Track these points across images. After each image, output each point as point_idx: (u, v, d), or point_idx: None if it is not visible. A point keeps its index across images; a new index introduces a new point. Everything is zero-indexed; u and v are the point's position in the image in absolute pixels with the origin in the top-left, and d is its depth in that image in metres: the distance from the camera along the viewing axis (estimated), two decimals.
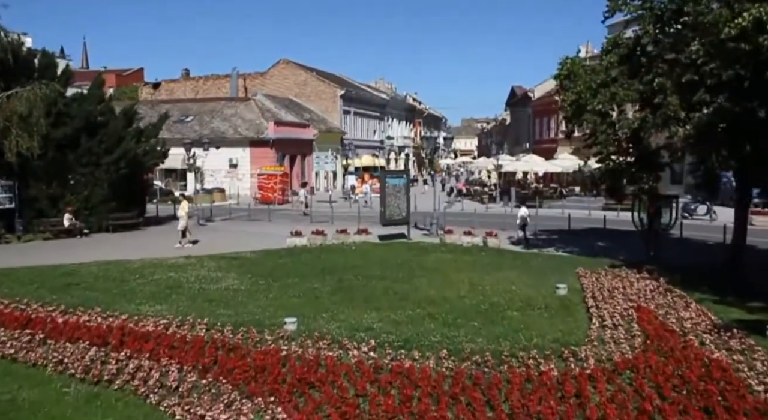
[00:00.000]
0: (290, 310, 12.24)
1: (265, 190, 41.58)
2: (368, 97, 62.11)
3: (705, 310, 11.58)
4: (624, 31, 17.21)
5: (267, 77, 58.47)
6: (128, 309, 12.29)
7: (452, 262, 17.88)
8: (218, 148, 46.86)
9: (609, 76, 16.44)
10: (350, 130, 57.80)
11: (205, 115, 50.51)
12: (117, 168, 25.24)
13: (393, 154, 67.12)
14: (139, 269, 16.78)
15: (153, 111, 53.22)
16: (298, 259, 18.46)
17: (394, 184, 22.13)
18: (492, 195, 42.09)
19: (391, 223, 22.32)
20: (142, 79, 70.78)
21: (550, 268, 16.81)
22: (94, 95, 27.08)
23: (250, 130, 47.00)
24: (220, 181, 47.08)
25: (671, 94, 14.41)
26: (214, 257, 18.63)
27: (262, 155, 45.97)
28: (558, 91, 18.85)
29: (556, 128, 59.60)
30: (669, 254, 18.23)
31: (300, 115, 52.82)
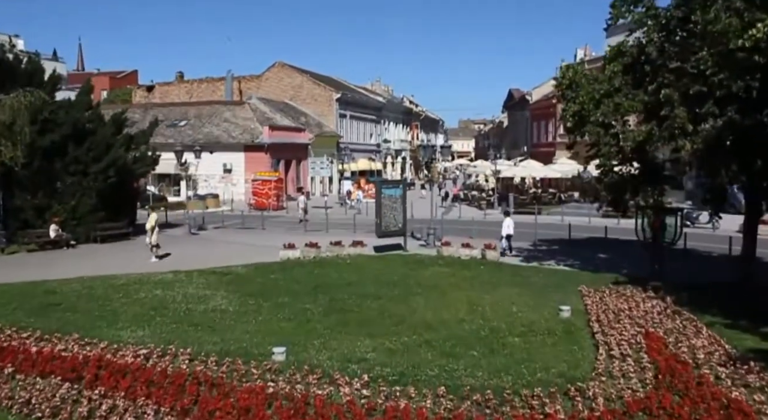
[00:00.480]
0: (279, 336, 11.61)
1: (259, 196, 40.91)
2: (364, 100, 61.49)
3: (717, 337, 10.97)
4: (626, 39, 16.55)
5: (262, 80, 57.82)
6: (108, 335, 11.63)
7: (450, 278, 17.25)
8: (212, 152, 46.26)
9: (612, 86, 15.84)
10: (346, 134, 57.18)
11: (199, 119, 49.85)
12: (105, 176, 24.57)
13: (390, 158, 66.48)
14: (124, 286, 16.10)
15: (146, 115, 52.55)
16: (290, 274, 17.80)
17: (390, 195, 21.48)
18: (490, 201, 41.47)
19: (387, 234, 21.68)
20: (137, 81, 70.19)
21: (551, 286, 16.20)
22: (83, 101, 26.39)
23: (244, 134, 46.35)
24: (214, 186, 46.42)
25: (678, 105, 13.81)
26: (204, 272, 17.97)
27: (256, 160, 45.31)
28: (559, 99, 18.24)
29: (554, 132, 59.09)
30: (673, 268, 17.66)
31: (295, 118, 52.19)
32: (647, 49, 15.44)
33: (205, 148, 46.33)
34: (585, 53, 57.58)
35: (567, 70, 17.15)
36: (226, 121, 48.67)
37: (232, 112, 49.61)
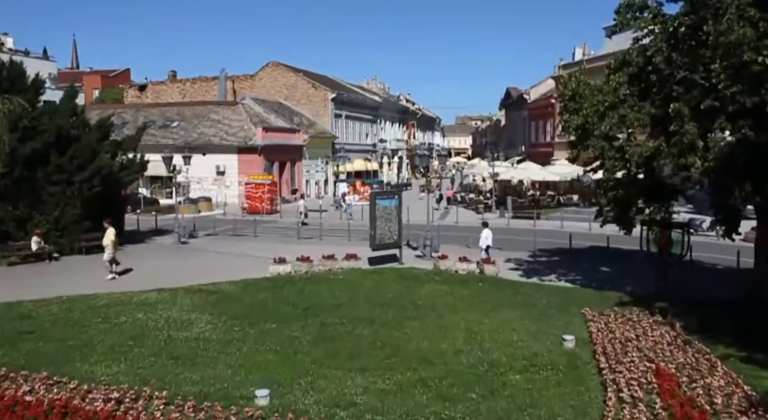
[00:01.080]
0: (264, 372, 10.85)
1: (252, 200, 40.09)
2: (360, 100, 60.61)
3: (734, 376, 10.22)
4: (632, 48, 15.74)
5: (256, 80, 56.91)
6: (81, 371, 10.85)
7: (447, 297, 16.49)
8: (205, 154, 45.53)
9: (617, 97, 15.05)
10: (341, 134, 56.34)
11: (191, 119, 48.96)
12: (90, 185, 23.69)
13: (386, 158, 65.64)
14: (104, 308, 15.29)
15: (138, 115, 51.72)
16: (280, 293, 17.00)
17: (384, 206, 20.69)
18: (488, 204, 40.70)
19: (381, 247, 20.88)
20: (129, 80, 69.11)
21: (553, 307, 15.45)
22: (67, 107, 25.47)
23: (237, 135, 45.48)
24: (207, 188, 45.57)
25: (688, 121, 13.03)
26: (189, 291, 17.16)
27: (250, 162, 44.49)
28: (561, 110, 17.42)
29: (552, 132, 58.31)
30: (679, 284, 16.92)
31: (290, 119, 51.33)
32: (654, 59, 14.65)
33: (197, 149, 45.64)
34: (584, 52, 56.81)
35: (570, 80, 16.35)
36: (220, 122, 47.79)
37: (226, 112, 48.73)
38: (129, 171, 26.83)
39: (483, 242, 21.43)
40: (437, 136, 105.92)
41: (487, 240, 21.44)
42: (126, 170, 26.64)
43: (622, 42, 49.41)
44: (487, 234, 21.51)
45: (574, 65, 56.54)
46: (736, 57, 12.21)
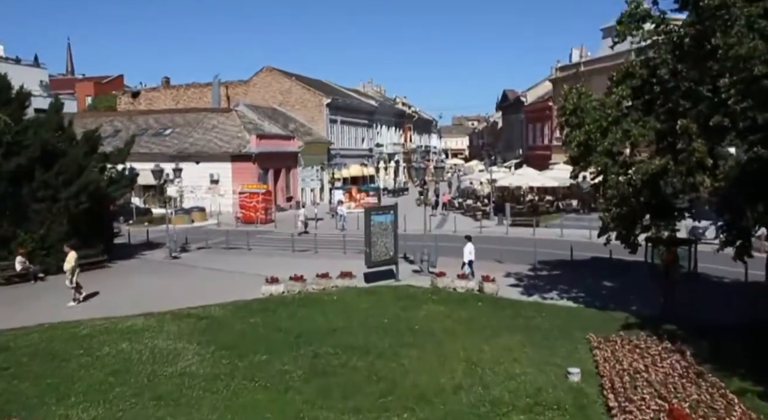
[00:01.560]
0: (252, 414, 10.19)
1: (247, 210, 39.41)
2: (356, 105, 59.96)
3: (754, 417, 9.58)
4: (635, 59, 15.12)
5: (250, 85, 56.23)
6: (55, 415, 10.19)
7: (446, 320, 15.83)
8: (198, 162, 44.90)
9: (621, 111, 14.41)
10: (337, 140, 55.67)
11: (184, 127, 48.26)
12: (77, 202, 23.01)
13: (383, 163, 65.00)
14: (87, 338, 14.61)
15: (130, 123, 51.01)
16: (272, 317, 16.33)
17: (380, 222, 20.04)
18: (486, 211, 40.05)
19: (377, 264, 20.22)
20: (123, 86, 68.33)
21: (556, 330, 14.81)
22: (52, 120, 24.80)
23: (231, 143, 44.78)
24: (201, 197, 44.87)
25: (696, 137, 12.40)
26: (178, 316, 16.48)
27: (244, 170, 43.80)
28: (561, 125, 16.77)
29: (550, 135, 57.79)
30: (686, 302, 16.27)
31: (284, 125, 50.64)
32: (659, 71, 14.02)
33: (191, 158, 45.06)
34: (581, 54, 56.22)
35: (570, 93, 15.70)
36: (213, 129, 47.10)
37: (219, 119, 48.02)
38: (118, 185, 26.17)
39: (466, 257, 20.77)
40: (434, 138, 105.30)
41: (470, 255, 20.77)
42: (115, 185, 25.98)
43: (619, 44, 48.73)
44: (470, 249, 20.84)
45: (572, 67, 56.05)
46: (746, 71, 11.60)
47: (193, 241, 30.86)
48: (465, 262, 20.78)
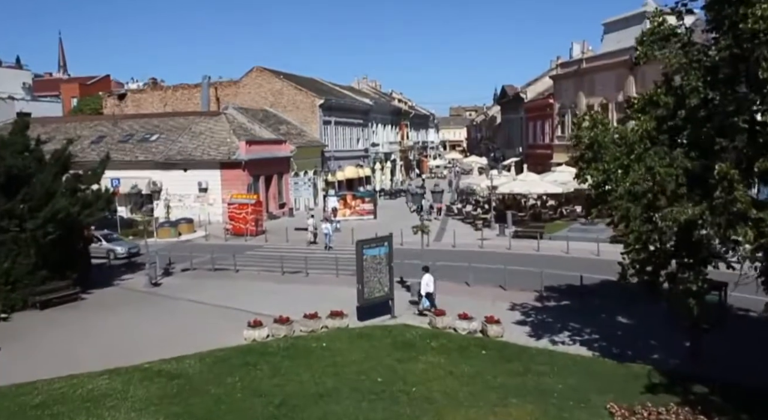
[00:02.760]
0: None
1: (236, 221, 37.60)
2: (350, 104, 58.00)
3: None
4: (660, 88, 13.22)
5: (240, 86, 54.24)
6: None
7: (446, 379, 14.10)
8: (186, 170, 43.13)
9: (644, 146, 12.56)
10: (331, 141, 53.81)
11: (171, 132, 46.37)
12: (45, 232, 21.22)
13: (379, 163, 63.12)
14: (39, 408, 12.88)
15: (115, 128, 49.07)
16: (252, 375, 14.57)
17: (373, 255, 18.27)
18: (486, 220, 38.29)
19: (371, 301, 18.48)
20: (109, 87, 66.35)
21: (571, 392, 13.09)
22: (17, 142, 22.91)
23: (220, 149, 42.94)
24: (190, 206, 43.07)
25: (738, 183, 10.61)
26: (147, 373, 14.74)
27: (233, 178, 42.01)
28: (575, 160, 14.87)
29: (551, 133, 56.03)
30: (717, 352, 14.55)
31: (276, 128, 48.76)
32: (688, 100, 12.17)
33: (178, 165, 43.28)
34: (583, 50, 54.25)
35: (587, 123, 13.80)
36: (201, 134, 45.22)
37: (208, 124, 46.13)
38: (93, 209, 24.25)
39: (424, 289, 19.05)
40: (431, 133, 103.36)
41: (427, 287, 19.02)
42: (89, 208, 24.08)
43: (624, 39, 46.60)
44: (427, 280, 19.05)
45: (573, 64, 54.12)
46: None
47: (179, 260, 29.15)
48: (422, 295, 19.07)
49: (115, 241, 32.24)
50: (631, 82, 44.61)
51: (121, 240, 32.88)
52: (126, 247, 31.58)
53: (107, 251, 30.66)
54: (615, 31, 49.18)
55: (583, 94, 50.51)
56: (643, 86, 44.67)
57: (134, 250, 31.38)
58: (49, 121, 52.75)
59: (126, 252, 31.19)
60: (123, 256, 30.90)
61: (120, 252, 31.12)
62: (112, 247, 31.22)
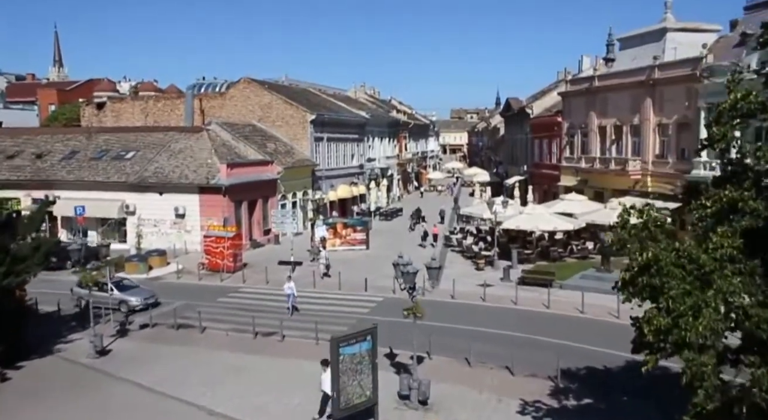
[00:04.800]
0: None
1: (213, 256, 33.96)
2: (344, 119, 54.29)
3: None
4: (746, 193, 9.55)
5: (227, 98, 50.56)
6: None
7: None
8: (161, 193, 39.59)
9: (725, 274, 8.91)
10: (323, 159, 50.14)
11: (149, 149, 42.78)
12: None
13: (374, 182, 59.43)
14: None
15: (89, 143, 45.38)
16: None
17: (352, 355, 14.63)
18: (489, 256, 34.71)
19: (350, 411, 14.85)
20: (90, 93, 62.50)
21: None
22: None
23: (199, 172, 39.32)
24: (166, 232, 39.51)
25: None
26: None
27: (213, 203, 38.45)
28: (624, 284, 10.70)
29: (559, 154, 52.44)
30: None
31: (262, 145, 45.11)
32: None
33: (153, 188, 39.69)
34: (595, 66, 50.46)
35: (636, 219, 10.08)
36: (180, 153, 41.61)
37: (187, 142, 42.48)
38: (27, 264, 20.55)
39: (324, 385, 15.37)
40: (431, 142, 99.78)
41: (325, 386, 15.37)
42: (22, 263, 20.37)
43: (640, 56, 42.80)
44: (325, 378, 15.24)
45: (584, 81, 50.33)
46: None
47: (139, 310, 25.70)
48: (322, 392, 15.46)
49: (129, 290, 27.31)
50: (649, 104, 40.98)
51: (135, 288, 27.77)
52: (141, 297, 26.82)
53: (119, 303, 26.20)
54: (630, 48, 45.49)
55: (594, 114, 46.87)
56: (661, 110, 41.24)
57: (151, 299, 26.89)
58: (20, 132, 49.23)
59: (141, 303, 26.51)
60: (138, 308, 26.30)
61: (134, 303, 26.43)
62: (124, 298, 26.48)
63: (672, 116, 39.12)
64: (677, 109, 38.60)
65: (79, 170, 42.02)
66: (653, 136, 40.74)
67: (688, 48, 40.35)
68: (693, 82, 36.57)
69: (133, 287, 27.82)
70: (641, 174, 41.39)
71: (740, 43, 36.10)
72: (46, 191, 41.47)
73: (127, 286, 27.74)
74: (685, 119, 37.96)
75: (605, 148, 45.66)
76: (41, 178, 42.15)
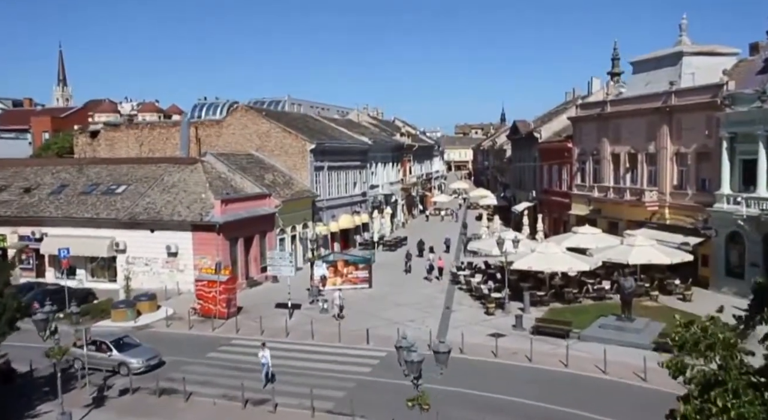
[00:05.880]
0: None
1: (205, 301, 31.89)
2: (346, 147, 52.37)
3: None
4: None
5: (223, 127, 48.73)
6: None
7: None
8: (153, 231, 37.64)
9: None
10: (324, 189, 48.18)
11: (141, 183, 40.90)
12: None
13: (377, 211, 57.38)
14: None
15: (80, 175, 43.56)
16: None
17: None
18: (499, 299, 32.50)
19: None
20: (86, 120, 60.94)
21: None
22: None
23: (192, 208, 37.36)
24: (158, 271, 37.53)
25: None
26: None
27: (207, 241, 36.49)
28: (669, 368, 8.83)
29: (569, 181, 50.37)
30: None
31: (260, 176, 43.20)
32: None
33: (144, 225, 37.77)
34: (606, 91, 48.43)
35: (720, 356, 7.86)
36: (174, 186, 39.74)
37: (181, 174, 40.62)
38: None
39: None
40: (436, 162, 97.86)
41: None
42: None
43: (655, 81, 40.63)
44: None
45: (595, 105, 48.26)
46: None
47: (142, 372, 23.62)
48: None
49: (130, 350, 24.84)
50: (665, 132, 38.91)
51: (137, 347, 25.19)
52: (143, 358, 24.42)
53: (118, 365, 24.15)
54: (644, 72, 43.52)
55: (607, 141, 44.83)
56: (679, 138, 39.02)
57: (154, 360, 24.63)
58: (9, 164, 47.50)
59: (143, 364, 24.23)
60: (139, 371, 23.92)
61: (135, 366, 23.99)
62: (124, 359, 24.18)
63: (691, 145, 37.05)
64: (696, 138, 36.54)
65: (68, 206, 40.16)
66: (671, 165, 38.65)
67: (706, 72, 38.37)
68: (713, 109, 34.56)
69: (134, 346, 25.14)
70: (658, 205, 39.26)
71: (764, 69, 34.08)
72: (33, 227, 39.79)
73: (128, 345, 25.07)
74: (705, 148, 35.89)
75: (619, 177, 43.58)
76: (28, 214, 40.32)
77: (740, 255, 33.25)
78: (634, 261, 33.06)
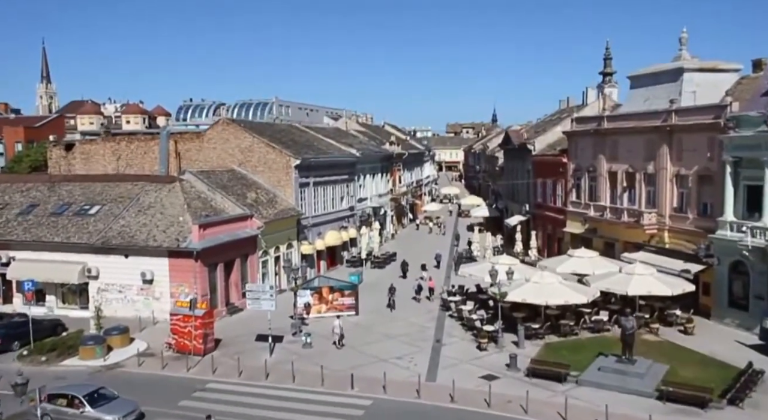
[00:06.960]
0: None
1: (180, 336, 29.95)
2: (332, 160, 50.42)
3: None
4: None
5: (204, 140, 46.64)
6: None
7: None
8: (127, 256, 35.66)
9: None
10: (309, 206, 46.26)
11: (115, 203, 38.87)
12: None
13: (365, 227, 55.52)
14: None
15: (51, 194, 41.41)
16: None
17: None
18: (492, 333, 30.79)
19: None
20: (62, 129, 58.61)
21: None
22: None
23: (168, 232, 35.38)
24: (132, 299, 35.60)
25: None
26: None
27: (184, 268, 34.61)
28: None
29: (564, 196, 48.71)
30: None
31: (242, 195, 41.24)
32: None
33: (117, 250, 35.76)
34: (603, 103, 46.78)
35: None
36: (150, 207, 37.73)
37: (158, 194, 38.59)
38: None
39: None
40: (426, 167, 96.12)
41: None
42: None
43: (654, 97, 38.88)
44: None
45: (591, 120, 46.61)
46: None
47: None
48: None
49: (106, 404, 22.11)
50: (665, 152, 37.27)
51: (114, 400, 22.54)
52: (120, 415, 21.68)
53: None
54: (642, 87, 41.79)
55: (603, 158, 43.19)
56: (679, 159, 37.28)
57: (131, 416, 22.03)
58: None
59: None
60: None
61: None
62: (99, 417, 21.55)
63: (692, 167, 35.43)
64: (698, 160, 34.93)
65: (38, 228, 38.04)
66: (670, 186, 37.03)
67: (707, 89, 36.82)
68: (716, 131, 32.96)
69: (111, 399, 22.55)
70: (657, 228, 37.66)
71: None
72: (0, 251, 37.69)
73: (104, 398, 22.45)
74: (708, 171, 34.28)
75: (616, 196, 41.93)
76: None
77: (744, 285, 31.71)
78: (633, 292, 31.50)
